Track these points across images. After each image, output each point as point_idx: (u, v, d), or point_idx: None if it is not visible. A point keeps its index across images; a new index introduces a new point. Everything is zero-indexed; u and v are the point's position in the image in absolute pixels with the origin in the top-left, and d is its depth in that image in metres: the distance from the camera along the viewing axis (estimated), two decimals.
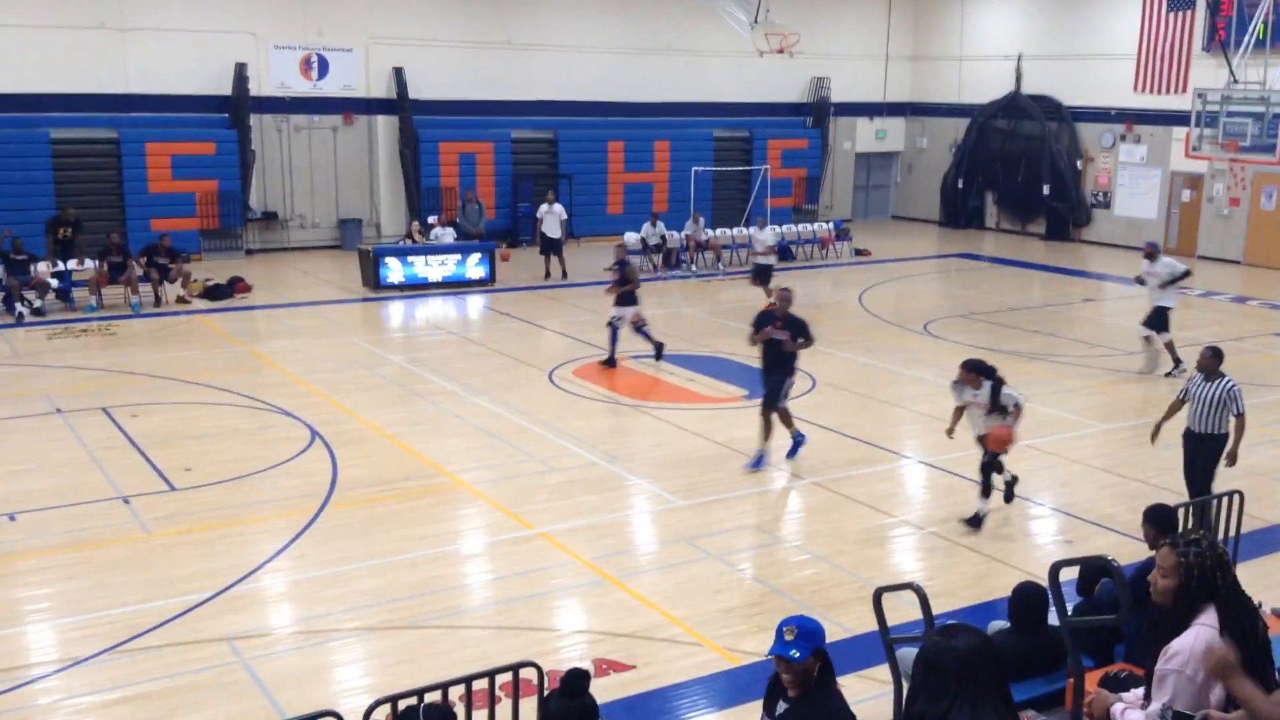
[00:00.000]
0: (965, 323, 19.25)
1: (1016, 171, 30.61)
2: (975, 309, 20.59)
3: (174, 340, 17.40)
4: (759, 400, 11.81)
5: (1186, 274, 15.88)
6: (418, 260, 21.84)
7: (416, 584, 8.90)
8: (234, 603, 8.53)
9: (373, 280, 21.47)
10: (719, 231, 26.21)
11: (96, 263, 19.51)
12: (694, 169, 27.56)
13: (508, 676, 5.96)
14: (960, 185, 32.00)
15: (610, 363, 15.72)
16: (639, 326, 15.79)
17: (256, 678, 7.43)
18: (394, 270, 21.58)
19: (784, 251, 26.65)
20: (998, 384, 9.90)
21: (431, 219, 24.19)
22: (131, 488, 10.83)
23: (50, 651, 7.84)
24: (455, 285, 21.89)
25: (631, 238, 24.63)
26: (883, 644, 6.22)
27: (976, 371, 9.98)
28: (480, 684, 6.03)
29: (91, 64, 23.19)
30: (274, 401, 13.78)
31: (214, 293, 20.45)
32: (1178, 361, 15.41)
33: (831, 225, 27.95)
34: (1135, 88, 27.70)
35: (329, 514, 10.29)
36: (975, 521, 10.08)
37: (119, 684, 7.34)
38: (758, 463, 11.55)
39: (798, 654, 4.30)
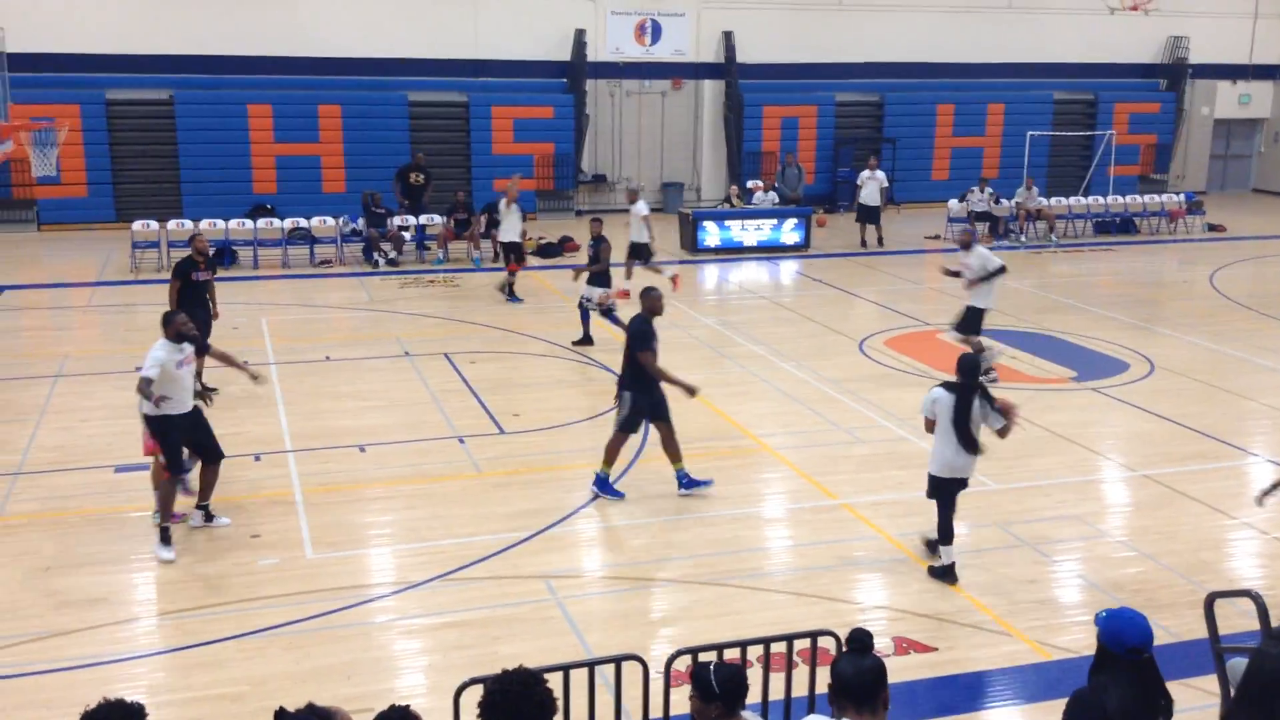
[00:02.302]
0: None
1: None
2: None
3: None
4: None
5: (1001, 271, 13.43)
6: (734, 224, 22.07)
7: (718, 542, 9.08)
8: (551, 543, 9.04)
9: (690, 243, 21.92)
10: (1053, 200, 24.79)
11: (445, 219, 21.08)
12: (1029, 133, 26.15)
13: (806, 643, 5.98)
14: None
15: (586, 340, 14.90)
16: (606, 310, 14.80)
17: (568, 616, 7.85)
18: (711, 234, 21.93)
19: (1126, 224, 24.89)
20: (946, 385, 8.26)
21: (750, 183, 24.35)
22: (466, 428, 11.67)
23: (389, 574, 8.63)
24: (770, 250, 21.95)
25: (954, 205, 23.76)
26: (1212, 653, 5.74)
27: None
28: (778, 647, 6.08)
29: (446, 31, 24.93)
30: (595, 356, 14.40)
31: (546, 250, 21.59)
32: (986, 370, 13.02)
33: (1182, 197, 25.78)
34: None
35: (639, 467, 10.66)
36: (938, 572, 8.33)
37: (447, 609, 7.98)
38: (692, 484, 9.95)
39: None
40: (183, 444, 8.93)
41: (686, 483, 9.93)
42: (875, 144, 26.56)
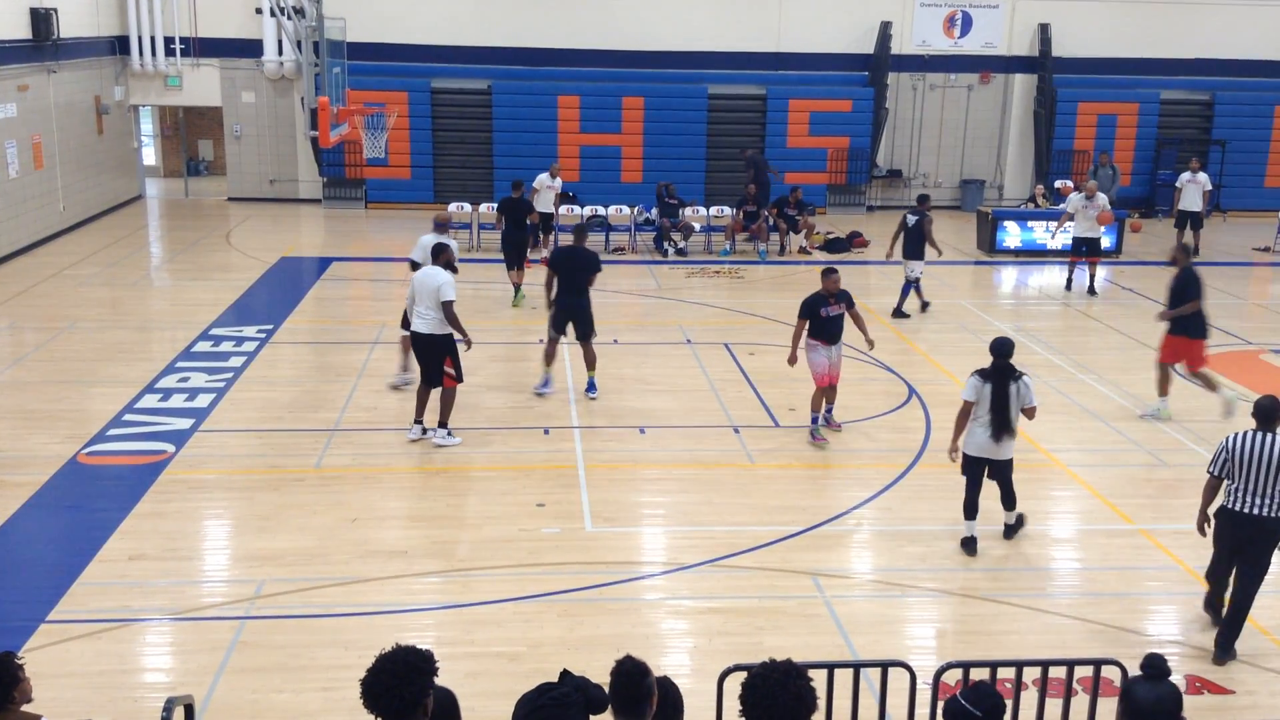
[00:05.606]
0: None
1: None
2: None
3: (793, 288, 18.42)
4: None
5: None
6: (1038, 225, 21.01)
7: (999, 558, 8.71)
8: (821, 540, 8.96)
9: (988, 243, 21.07)
10: None
11: (734, 211, 21.25)
12: None
13: (1087, 670, 5.65)
14: None
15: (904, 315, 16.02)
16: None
17: (834, 615, 7.76)
18: (1012, 234, 20.99)
19: None
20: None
21: (1059, 183, 23.11)
22: (741, 419, 11.75)
23: (661, 554, 8.83)
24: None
25: None
26: None
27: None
28: (1057, 671, 5.77)
29: (748, 25, 25.07)
30: (877, 356, 14.11)
31: (833, 246, 21.35)
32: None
33: None
34: None
35: (918, 472, 10.38)
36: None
37: (714, 594, 8.08)
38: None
39: None
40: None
41: None
42: (1202, 145, 24.57)
